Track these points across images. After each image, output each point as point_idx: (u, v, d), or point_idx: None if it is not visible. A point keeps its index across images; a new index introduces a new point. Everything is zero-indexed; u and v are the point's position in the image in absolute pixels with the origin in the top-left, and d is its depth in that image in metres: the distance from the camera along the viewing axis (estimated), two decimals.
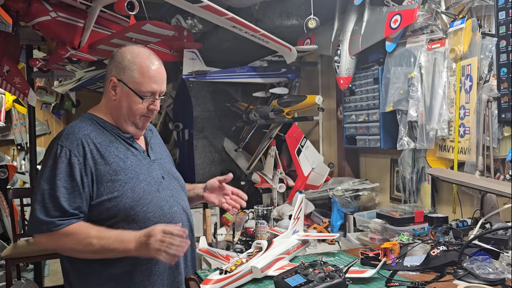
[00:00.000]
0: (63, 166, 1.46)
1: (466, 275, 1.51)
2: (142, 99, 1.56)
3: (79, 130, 1.53)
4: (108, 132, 1.58)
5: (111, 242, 1.44)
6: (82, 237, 1.43)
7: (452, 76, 2.30)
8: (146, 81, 1.55)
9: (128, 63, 1.55)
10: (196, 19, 3.47)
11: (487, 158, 2.11)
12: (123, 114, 1.58)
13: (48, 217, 1.42)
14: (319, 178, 3.38)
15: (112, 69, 1.58)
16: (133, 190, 1.52)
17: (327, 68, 3.54)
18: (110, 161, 1.51)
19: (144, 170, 1.58)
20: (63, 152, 1.47)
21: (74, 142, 1.49)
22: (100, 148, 1.52)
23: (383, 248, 1.80)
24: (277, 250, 1.82)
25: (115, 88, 1.57)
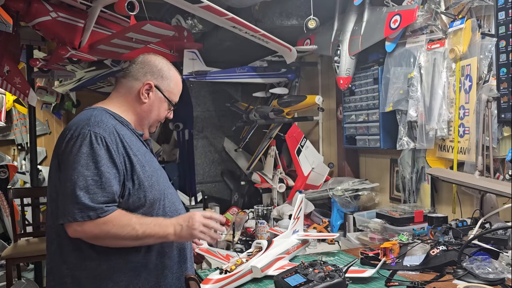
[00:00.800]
0: (103, 152, 1.45)
1: (466, 275, 1.51)
2: (174, 106, 1.71)
3: (107, 120, 1.53)
4: (125, 127, 1.60)
5: (151, 227, 1.46)
6: (126, 223, 1.44)
7: (451, 76, 2.30)
8: (177, 92, 1.72)
9: (167, 74, 1.68)
10: (196, 19, 3.47)
11: (486, 158, 2.12)
12: (149, 118, 1.66)
13: (96, 203, 1.41)
14: (319, 178, 3.38)
15: (147, 74, 1.64)
16: (158, 183, 1.57)
17: (327, 68, 3.54)
18: (136, 153, 1.53)
19: (157, 166, 1.64)
20: (99, 138, 1.45)
21: (107, 130, 1.49)
22: (127, 139, 1.54)
23: (383, 248, 1.81)
24: (277, 249, 1.82)
25: (148, 92, 1.63)
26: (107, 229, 1.42)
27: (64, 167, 1.46)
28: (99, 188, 1.42)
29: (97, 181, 1.42)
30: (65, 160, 1.46)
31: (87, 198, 1.40)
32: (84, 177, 1.41)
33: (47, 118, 6.47)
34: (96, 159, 1.43)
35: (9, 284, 3.42)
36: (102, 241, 1.46)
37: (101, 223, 1.41)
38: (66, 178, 1.43)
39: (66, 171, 1.44)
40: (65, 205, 1.42)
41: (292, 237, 2.00)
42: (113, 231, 1.43)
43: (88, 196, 1.40)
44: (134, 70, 1.66)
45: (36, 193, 3.96)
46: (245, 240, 2.68)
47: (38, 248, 3.50)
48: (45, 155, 6.22)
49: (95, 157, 1.43)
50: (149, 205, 1.53)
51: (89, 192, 1.40)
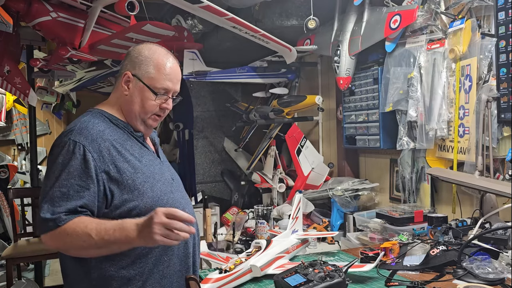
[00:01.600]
0: (77, 163, 1.37)
1: (466, 275, 1.51)
2: (156, 95, 1.51)
3: (93, 125, 1.45)
4: (121, 129, 1.52)
5: (111, 232, 1.32)
6: (81, 231, 1.32)
7: (451, 76, 2.30)
8: (162, 77, 1.51)
9: (145, 58, 1.52)
10: (196, 19, 3.47)
11: (486, 158, 2.12)
12: (134, 110, 1.53)
13: (55, 214, 1.33)
14: (319, 178, 3.38)
15: (127, 64, 1.54)
16: (152, 190, 1.46)
17: (327, 68, 3.54)
18: (127, 159, 1.45)
19: (157, 170, 1.54)
20: (77, 147, 1.38)
21: (89, 137, 1.41)
22: (116, 145, 1.46)
23: (383, 248, 1.81)
24: (276, 249, 1.83)
25: (128, 83, 1.52)
26: (63, 240, 1.34)
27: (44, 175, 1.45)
28: (65, 201, 1.34)
29: (64, 193, 1.35)
30: (47, 165, 1.44)
31: (49, 211, 1.34)
32: (52, 187, 1.36)
33: (47, 118, 6.47)
34: (69, 170, 1.36)
35: (9, 284, 3.43)
36: (68, 252, 1.40)
37: (56, 233, 1.33)
38: (43, 185, 1.41)
39: (44, 178, 1.43)
40: (37, 216, 1.38)
41: (291, 237, 2.00)
42: (69, 241, 1.33)
43: (52, 208, 1.34)
44: (120, 65, 1.59)
45: (36, 193, 3.96)
46: (245, 240, 2.68)
47: (38, 248, 3.50)
48: (45, 155, 6.23)
49: (68, 167, 1.37)
50: (141, 213, 1.40)
51: (54, 205, 1.34)
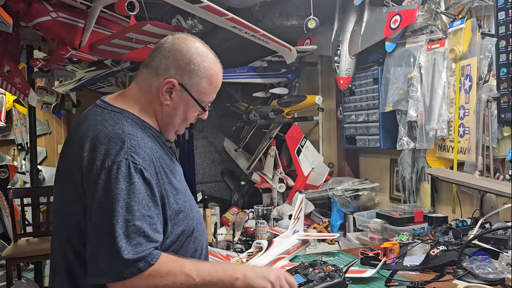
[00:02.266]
0: (143, 189, 1.16)
1: (466, 275, 1.51)
2: (204, 111, 1.36)
3: (144, 142, 1.23)
4: (155, 140, 1.31)
5: (213, 272, 1.18)
6: (178, 271, 1.15)
7: (451, 76, 2.30)
8: (212, 91, 1.35)
9: (197, 67, 1.30)
10: (196, 19, 3.47)
11: (486, 158, 2.12)
12: (175, 122, 1.34)
13: (139, 254, 1.11)
14: (319, 178, 3.38)
15: (170, 68, 1.29)
16: (191, 209, 1.33)
17: (327, 68, 3.54)
18: (170, 179, 1.27)
19: (185, 184, 1.39)
20: (138, 171, 1.16)
21: (146, 158, 1.20)
22: (163, 164, 1.27)
23: (383, 248, 1.81)
24: (277, 250, 1.83)
25: (171, 91, 1.29)
26: (155, 282, 1.13)
27: (95, 200, 1.14)
28: (143, 237, 1.13)
29: (140, 228, 1.13)
30: (96, 191, 1.14)
31: (130, 251, 1.10)
32: (125, 222, 1.11)
33: (47, 118, 6.47)
34: (138, 199, 1.14)
35: (9, 284, 3.43)
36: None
37: (146, 276, 1.12)
38: (101, 219, 1.12)
39: (101, 210, 1.13)
40: (104, 259, 1.11)
41: (292, 237, 2.00)
42: (163, 283, 1.13)
43: (132, 248, 1.11)
44: (156, 60, 1.31)
45: (36, 193, 3.96)
46: (245, 240, 2.68)
47: (38, 248, 3.50)
48: (45, 155, 6.23)
49: (136, 195, 1.14)
50: (186, 237, 1.28)
51: (131, 243, 1.11)
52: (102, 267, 1.11)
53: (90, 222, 1.15)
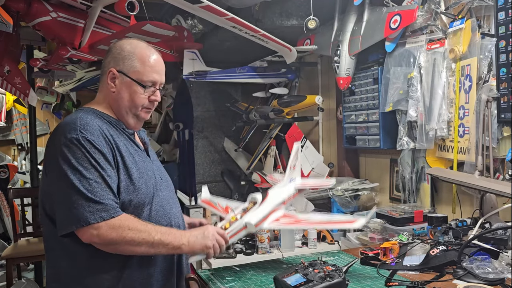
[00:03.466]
0: (97, 154, 1.40)
1: (466, 275, 1.51)
2: (145, 88, 1.53)
3: (92, 121, 1.46)
4: (113, 126, 1.53)
5: (166, 236, 1.42)
6: (143, 228, 1.39)
7: (451, 76, 2.30)
8: (147, 70, 1.54)
9: (128, 53, 1.54)
10: (196, 19, 3.47)
11: (486, 158, 2.12)
12: (124, 105, 1.55)
13: (106, 201, 1.36)
14: (319, 178, 3.38)
15: (110, 61, 1.55)
16: (146, 186, 1.49)
17: (327, 68, 3.54)
18: (123, 154, 1.47)
19: (148, 168, 1.55)
20: (87, 142, 1.39)
21: (94, 133, 1.43)
22: (116, 139, 1.48)
23: (383, 248, 1.81)
24: (272, 202, 1.81)
25: (114, 79, 1.54)
26: (123, 234, 1.36)
27: (58, 174, 1.38)
28: (104, 191, 1.37)
29: (100, 183, 1.37)
30: (57, 167, 1.38)
31: (95, 197, 1.35)
32: (86, 180, 1.36)
33: (47, 118, 6.48)
34: (94, 162, 1.39)
35: (9, 284, 3.43)
36: (116, 247, 1.39)
37: (117, 226, 1.36)
38: (66, 184, 1.36)
39: (63, 178, 1.37)
40: (71, 210, 1.35)
41: (288, 186, 1.97)
42: (130, 236, 1.37)
43: (96, 197, 1.35)
44: (103, 63, 1.59)
45: (36, 193, 3.96)
46: (245, 240, 2.68)
47: (38, 248, 3.50)
48: None
49: (91, 160, 1.38)
50: (133, 208, 1.46)
51: (96, 195, 1.35)
52: (70, 215, 1.35)
53: (55, 187, 1.40)
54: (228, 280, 1.70)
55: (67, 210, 1.35)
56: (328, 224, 2.04)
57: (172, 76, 4.21)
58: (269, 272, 1.77)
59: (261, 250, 2.54)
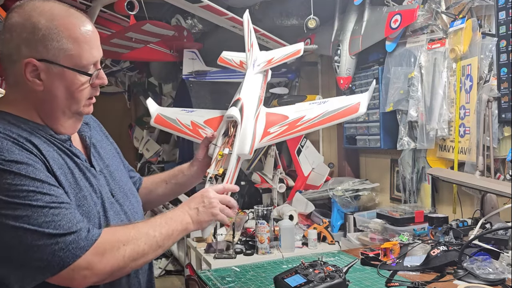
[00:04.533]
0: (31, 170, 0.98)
1: (466, 275, 1.51)
2: (90, 75, 1.10)
3: (1, 133, 1.01)
4: (34, 133, 1.07)
5: (164, 225, 1.12)
6: (134, 234, 1.06)
7: (452, 76, 2.29)
8: (85, 48, 1.08)
9: (47, 30, 1.04)
10: (196, 19, 3.47)
11: (487, 158, 2.11)
12: (60, 105, 1.10)
13: (79, 225, 0.99)
14: (319, 178, 3.38)
15: (21, 47, 1.04)
16: (88, 217, 1.08)
17: (327, 68, 3.53)
18: (57, 174, 1.05)
19: (93, 187, 1.14)
20: (8, 163, 0.96)
21: (11, 150, 0.99)
22: (42, 153, 1.04)
23: (383, 248, 1.80)
24: (250, 112, 1.56)
25: (37, 73, 1.06)
26: (121, 253, 1.02)
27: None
28: (66, 213, 0.99)
29: (56, 206, 0.98)
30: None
31: (60, 230, 0.96)
32: (35, 212, 0.95)
33: None
34: (32, 183, 0.97)
35: None
36: (122, 271, 1.06)
37: (107, 248, 1.01)
38: (5, 234, 0.95)
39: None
40: (33, 258, 0.95)
41: (254, 74, 1.66)
42: (129, 250, 1.04)
43: (60, 228, 0.97)
44: (4, 48, 1.07)
45: None
46: (245, 240, 2.67)
47: None
48: None
49: (27, 183, 0.97)
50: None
51: (59, 225, 0.96)
52: (36, 264, 0.95)
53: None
54: (228, 280, 1.70)
55: (27, 262, 0.95)
56: (329, 120, 1.63)
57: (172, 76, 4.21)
58: (269, 273, 1.77)
59: (261, 250, 2.54)
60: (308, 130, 1.62)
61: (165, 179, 1.56)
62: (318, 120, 1.61)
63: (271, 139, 1.58)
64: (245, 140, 1.47)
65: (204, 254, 2.63)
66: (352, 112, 1.57)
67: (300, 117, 1.59)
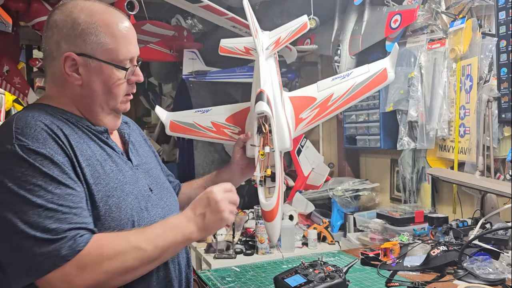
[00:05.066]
0: (49, 165, 0.98)
1: (466, 275, 1.51)
2: (126, 70, 1.12)
3: (35, 119, 1.02)
4: (73, 124, 1.09)
5: (162, 236, 1.03)
6: (124, 247, 0.99)
7: (452, 76, 2.29)
8: (121, 43, 1.11)
9: (86, 25, 1.07)
10: (196, 19, 3.47)
11: (487, 158, 2.11)
12: (98, 100, 1.12)
13: (66, 233, 0.94)
14: (319, 178, 3.38)
15: (61, 43, 1.08)
16: (119, 208, 1.07)
17: (327, 68, 3.53)
18: (82, 164, 1.04)
19: (128, 179, 1.13)
20: (29, 151, 0.97)
21: (38, 137, 1.00)
22: (70, 142, 1.04)
23: (383, 248, 1.80)
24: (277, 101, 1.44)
25: (76, 68, 1.09)
26: (102, 269, 0.96)
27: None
28: (61, 217, 0.95)
29: (54, 209, 0.95)
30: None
31: (48, 234, 0.93)
32: (32, 210, 0.94)
33: None
34: (43, 179, 0.96)
35: None
36: (109, 285, 0.99)
37: (89, 262, 0.94)
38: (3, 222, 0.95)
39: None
40: (17, 258, 0.94)
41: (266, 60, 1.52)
42: (114, 266, 0.97)
43: (49, 233, 0.93)
44: (45, 44, 1.12)
45: None
46: (245, 240, 2.67)
47: None
48: None
49: (38, 177, 0.96)
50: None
51: (48, 229, 0.93)
52: (17, 267, 0.94)
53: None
54: (228, 281, 1.70)
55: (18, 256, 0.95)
56: (361, 93, 1.53)
57: (172, 76, 4.21)
58: (269, 273, 1.77)
59: (261, 250, 2.54)
60: (342, 108, 1.51)
61: (203, 185, 1.52)
62: (350, 96, 1.50)
63: (306, 125, 1.48)
64: (283, 133, 1.39)
65: (204, 254, 2.63)
66: (381, 80, 1.49)
67: (329, 96, 1.48)
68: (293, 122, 1.46)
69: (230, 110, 1.62)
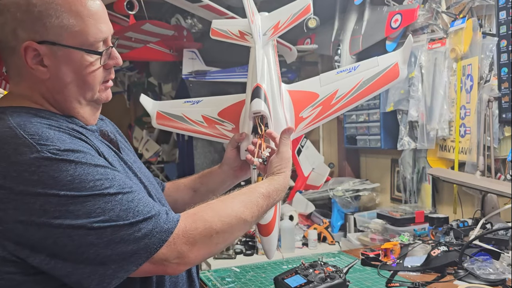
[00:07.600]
0: (88, 156, 0.85)
1: (467, 276, 1.51)
2: (100, 54, 0.95)
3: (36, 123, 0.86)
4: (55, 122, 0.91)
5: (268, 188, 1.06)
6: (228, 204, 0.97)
7: (452, 76, 2.29)
8: (90, 23, 0.93)
9: (44, 6, 0.88)
10: (196, 18, 3.46)
11: (487, 158, 2.11)
12: (72, 94, 0.95)
13: (156, 208, 0.88)
14: (320, 178, 3.37)
15: (17, 30, 0.89)
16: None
17: (327, 68, 3.53)
18: (111, 162, 0.96)
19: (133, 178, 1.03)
20: (62, 152, 0.82)
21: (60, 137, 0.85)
22: (92, 140, 0.95)
23: (384, 249, 1.80)
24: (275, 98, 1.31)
25: (39, 59, 0.90)
26: (214, 242, 0.91)
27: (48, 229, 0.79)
28: (140, 197, 0.87)
29: (127, 192, 0.86)
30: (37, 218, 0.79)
31: (139, 216, 0.84)
32: (104, 202, 0.82)
33: None
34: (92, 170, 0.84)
35: None
36: (216, 249, 0.95)
37: (199, 237, 0.89)
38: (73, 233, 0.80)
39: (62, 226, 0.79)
40: (114, 253, 0.82)
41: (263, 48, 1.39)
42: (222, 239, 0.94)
43: (139, 214, 0.85)
44: (1, 34, 0.91)
45: None
46: (245, 240, 2.67)
47: None
48: None
49: (87, 170, 0.84)
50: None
51: (135, 212, 0.85)
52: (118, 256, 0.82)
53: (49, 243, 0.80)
54: (228, 281, 1.69)
55: (106, 259, 0.82)
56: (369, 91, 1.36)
57: (172, 76, 4.20)
58: (269, 273, 1.76)
59: (261, 251, 2.53)
60: (347, 108, 1.36)
61: (191, 186, 1.39)
62: (357, 94, 1.34)
63: (307, 125, 1.34)
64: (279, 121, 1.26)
65: None
66: (392, 77, 1.32)
67: (333, 93, 1.33)
68: (292, 121, 1.33)
69: (223, 103, 1.47)
